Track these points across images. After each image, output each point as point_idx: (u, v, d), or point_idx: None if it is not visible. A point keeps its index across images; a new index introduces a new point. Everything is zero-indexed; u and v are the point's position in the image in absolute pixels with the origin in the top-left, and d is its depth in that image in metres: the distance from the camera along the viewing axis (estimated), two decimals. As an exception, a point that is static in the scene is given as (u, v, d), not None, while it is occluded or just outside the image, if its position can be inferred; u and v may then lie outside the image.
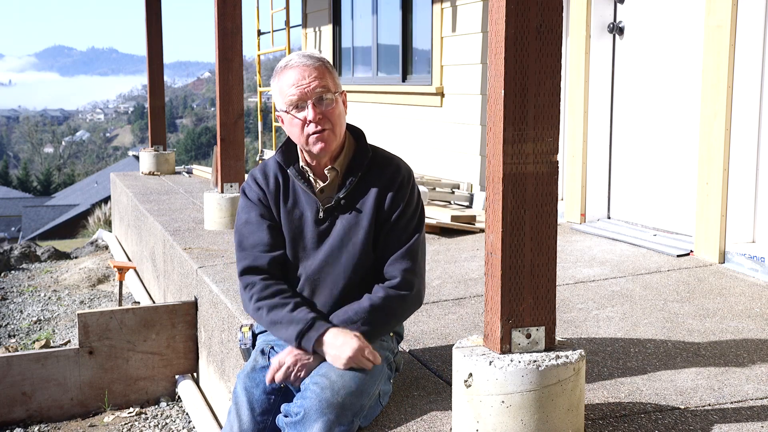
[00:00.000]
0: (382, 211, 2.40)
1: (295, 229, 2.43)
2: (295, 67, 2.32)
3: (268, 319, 2.33)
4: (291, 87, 2.31)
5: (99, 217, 14.44)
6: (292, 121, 2.34)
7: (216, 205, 5.29)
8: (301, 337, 2.25)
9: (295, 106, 2.32)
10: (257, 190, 2.46)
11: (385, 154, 2.49)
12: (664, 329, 3.10)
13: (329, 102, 2.33)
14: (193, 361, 4.47)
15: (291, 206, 2.44)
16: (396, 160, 2.48)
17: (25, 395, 4.19)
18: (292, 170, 2.43)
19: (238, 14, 5.31)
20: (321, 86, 2.31)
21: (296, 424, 2.12)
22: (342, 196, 2.40)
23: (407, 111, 7.09)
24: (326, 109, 2.32)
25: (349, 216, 2.40)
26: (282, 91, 2.34)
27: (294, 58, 2.35)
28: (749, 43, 3.86)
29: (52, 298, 6.99)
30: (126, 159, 49.40)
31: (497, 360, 2.05)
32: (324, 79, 2.33)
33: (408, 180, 2.44)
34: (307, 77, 2.31)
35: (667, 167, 4.58)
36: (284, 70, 2.35)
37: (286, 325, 2.28)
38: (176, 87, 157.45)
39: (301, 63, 2.32)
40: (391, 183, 2.41)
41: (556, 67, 2.06)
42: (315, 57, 2.36)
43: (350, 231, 2.39)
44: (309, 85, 2.30)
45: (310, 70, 2.32)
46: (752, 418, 2.28)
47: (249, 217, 2.45)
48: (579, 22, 4.93)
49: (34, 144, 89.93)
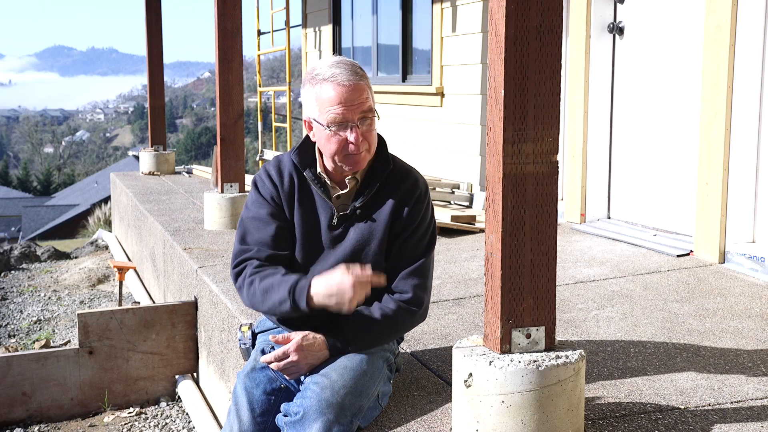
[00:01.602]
0: (397, 224, 2.38)
1: (307, 232, 2.40)
2: (341, 85, 2.24)
3: (260, 287, 2.29)
4: (336, 105, 2.24)
5: (99, 217, 14.44)
6: (330, 137, 2.28)
7: (216, 205, 5.29)
8: (293, 289, 2.21)
9: (336, 123, 2.26)
10: (271, 187, 2.42)
11: (404, 166, 2.46)
12: (664, 329, 3.10)
13: (370, 123, 2.30)
14: (193, 361, 4.47)
15: (305, 208, 2.41)
16: (414, 174, 2.45)
17: (25, 395, 4.19)
18: (309, 173, 2.40)
19: (238, 14, 5.31)
20: (367, 107, 2.27)
21: (295, 424, 2.12)
22: (358, 206, 2.38)
23: (407, 111, 7.09)
24: (367, 129, 2.29)
25: (364, 225, 2.38)
26: (322, 104, 2.26)
27: (340, 73, 2.25)
28: (749, 43, 3.86)
29: (52, 298, 6.98)
30: (126, 159, 49.40)
31: (497, 360, 2.05)
32: (368, 100, 2.28)
33: (425, 195, 2.43)
34: (357, 99, 2.25)
35: (667, 167, 4.58)
36: (327, 83, 2.26)
37: (277, 287, 2.25)
38: (176, 87, 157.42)
39: (350, 82, 2.24)
40: (408, 196, 2.39)
41: (556, 67, 2.06)
42: (360, 73, 2.28)
43: (364, 240, 2.38)
44: (358, 107, 2.25)
45: (359, 90, 2.25)
46: (752, 418, 2.28)
47: (259, 213, 2.41)
48: (579, 22, 4.93)
49: (34, 144, 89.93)
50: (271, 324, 2.54)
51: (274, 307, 2.28)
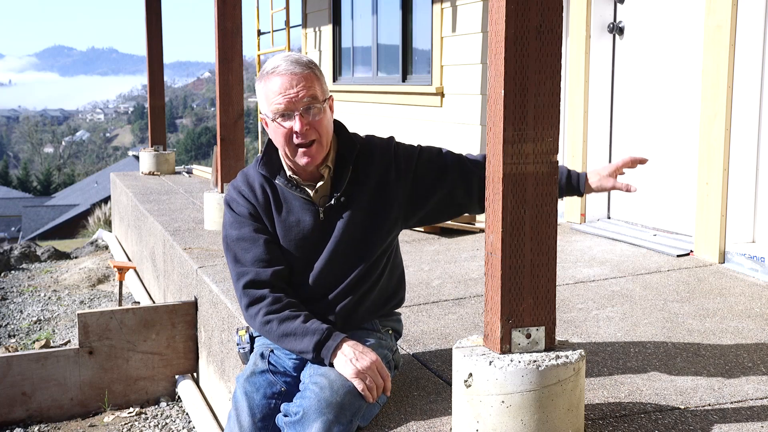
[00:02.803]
0: (397, 184, 2.39)
1: (294, 238, 2.38)
2: (282, 75, 2.24)
3: (279, 331, 2.26)
4: (277, 95, 2.24)
5: (99, 217, 14.44)
6: (277, 129, 2.28)
7: (216, 205, 5.29)
8: (320, 346, 2.21)
9: (281, 114, 2.25)
10: (245, 204, 2.39)
11: (366, 140, 2.46)
12: (664, 329, 3.10)
13: (317, 112, 2.26)
14: (193, 361, 4.47)
15: (285, 215, 2.38)
16: (375, 139, 2.46)
17: (25, 395, 4.19)
18: (280, 180, 2.37)
19: (238, 14, 5.31)
20: (309, 95, 2.24)
21: (295, 424, 2.11)
22: (340, 193, 2.37)
23: (407, 111, 7.09)
24: (313, 119, 2.26)
25: (355, 210, 2.37)
26: (268, 97, 2.27)
27: (281, 63, 2.26)
28: (749, 43, 3.86)
29: (52, 298, 6.99)
30: (126, 159, 49.39)
31: (497, 360, 2.05)
32: (312, 88, 2.25)
33: (396, 144, 2.45)
34: (295, 86, 2.23)
35: (667, 167, 4.58)
36: (270, 76, 2.26)
37: (300, 337, 2.23)
38: (176, 87, 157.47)
39: (289, 70, 2.24)
40: (385, 157, 2.40)
41: (556, 67, 2.06)
42: (303, 63, 2.27)
43: (360, 223, 2.37)
44: (297, 94, 2.23)
45: (298, 78, 2.24)
46: (752, 418, 2.28)
47: (241, 233, 2.37)
48: (579, 22, 4.93)
49: (34, 144, 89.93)
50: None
51: (291, 348, 2.27)
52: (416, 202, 2.44)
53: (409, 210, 2.44)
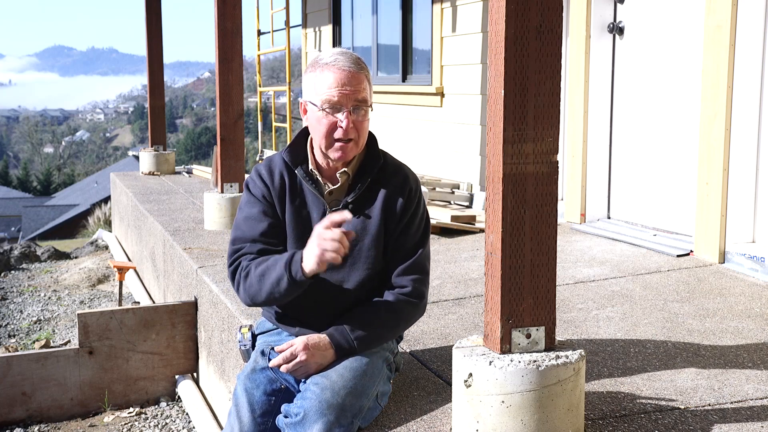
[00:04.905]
0: (390, 219, 2.40)
1: (300, 229, 2.41)
2: (342, 70, 2.29)
3: (256, 273, 2.30)
4: (332, 88, 2.28)
5: (99, 217, 14.44)
6: (321, 119, 2.31)
7: (216, 205, 5.29)
8: (290, 263, 2.23)
9: (332, 106, 2.29)
10: (261, 186, 2.44)
11: (395, 162, 2.48)
12: (664, 329, 3.10)
13: (363, 114, 2.32)
14: (193, 361, 4.47)
15: (298, 205, 2.42)
16: (405, 169, 2.48)
17: (25, 395, 4.19)
18: (301, 171, 2.42)
19: (238, 14, 5.31)
20: (361, 97, 2.30)
21: (296, 425, 2.12)
22: (350, 201, 2.39)
23: (407, 111, 7.09)
24: (358, 120, 2.31)
25: (356, 220, 2.39)
26: (319, 87, 2.31)
27: (341, 59, 2.31)
28: (749, 43, 3.86)
29: (52, 298, 6.99)
30: (126, 159, 49.38)
31: (497, 360, 2.05)
32: (365, 91, 2.32)
33: (416, 190, 2.45)
34: (353, 85, 2.29)
35: (666, 167, 4.58)
36: (329, 67, 2.30)
37: (273, 267, 2.27)
38: (176, 87, 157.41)
39: (349, 68, 2.29)
40: (400, 191, 2.41)
41: (556, 67, 2.06)
42: (361, 64, 2.33)
43: (357, 235, 2.38)
44: (352, 92, 2.28)
45: (357, 78, 2.30)
46: (752, 418, 2.28)
47: (251, 212, 2.43)
48: (579, 22, 4.93)
49: (34, 144, 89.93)
50: (271, 325, 2.54)
51: (272, 288, 2.28)
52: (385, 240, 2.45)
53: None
